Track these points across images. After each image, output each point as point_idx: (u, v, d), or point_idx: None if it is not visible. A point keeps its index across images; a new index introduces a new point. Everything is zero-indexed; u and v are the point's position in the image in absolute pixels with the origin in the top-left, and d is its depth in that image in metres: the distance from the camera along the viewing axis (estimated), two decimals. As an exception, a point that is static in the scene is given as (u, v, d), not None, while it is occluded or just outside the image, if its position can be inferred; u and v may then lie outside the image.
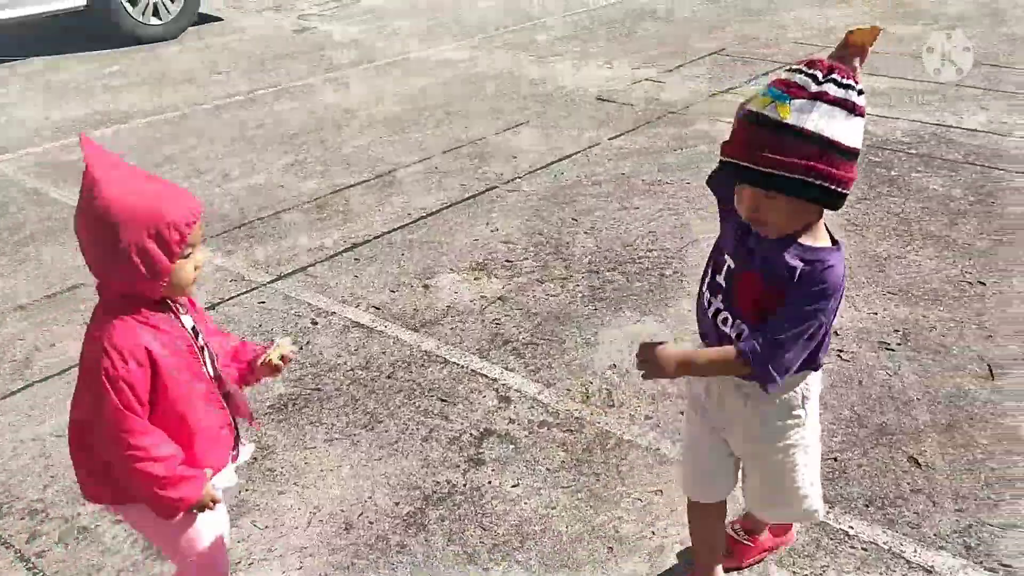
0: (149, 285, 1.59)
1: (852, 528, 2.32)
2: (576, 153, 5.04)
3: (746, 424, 1.85)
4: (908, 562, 2.21)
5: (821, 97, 1.53)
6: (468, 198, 4.52)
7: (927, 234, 3.89)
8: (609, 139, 5.23)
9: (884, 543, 2.28)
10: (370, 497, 2.51)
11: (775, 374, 1.67)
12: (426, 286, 3.68)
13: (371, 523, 2.42)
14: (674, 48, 7.16)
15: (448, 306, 3.53)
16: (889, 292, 3.46)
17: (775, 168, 1.54)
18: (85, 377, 1.61)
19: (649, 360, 1.74)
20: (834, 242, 1.71)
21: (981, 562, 2.21)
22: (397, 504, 2.49)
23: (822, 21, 7.71)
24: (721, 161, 1.64)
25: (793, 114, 1.53)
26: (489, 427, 2.81)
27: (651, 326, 3.32)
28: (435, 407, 2.89)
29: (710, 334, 1.83)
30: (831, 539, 2.30)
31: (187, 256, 1.62)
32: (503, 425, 2.81)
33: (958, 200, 4.20)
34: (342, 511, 2.47)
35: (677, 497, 2.45)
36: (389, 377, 3.07)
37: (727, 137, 1.63)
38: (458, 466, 2.62)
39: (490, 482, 2.56)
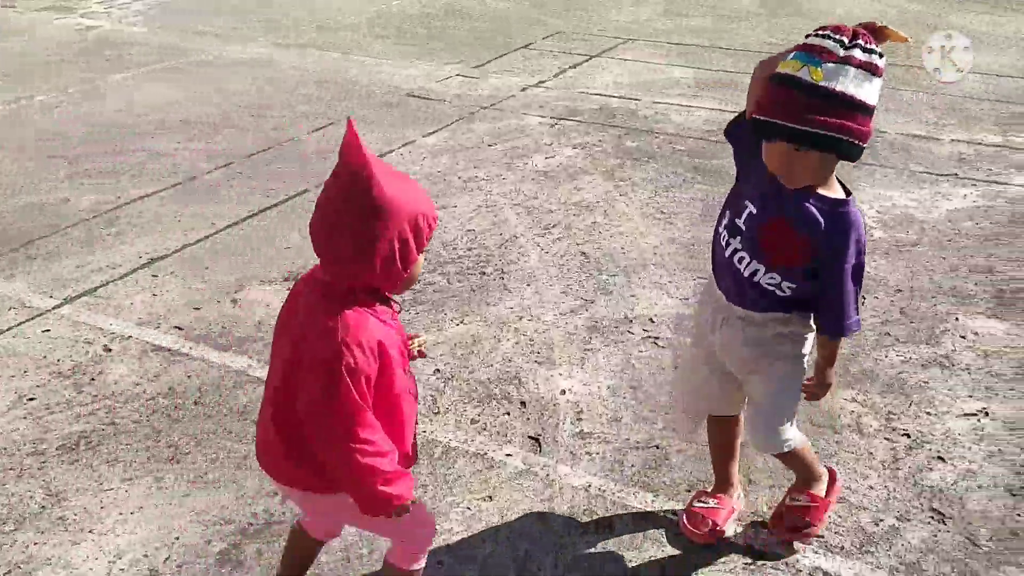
0: (394, 277, 1.59)
1: (676, 515, 2.35)
2: (389, 152, 4.91)
3: (748, 354, 2.02)
4: (732, 541, 2.26)
5: (849, 61, 1.67)
6: (277, 204, 4.29)
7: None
8: (423, 136, 5.14)
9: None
10: (178, 538, 2.30)
11: (856, 320, 1.91)
12: (235, 300, 3.46)
13: (179, 566, 2.21)
14: (485, 43, 7.16)
15: (260, 321, 3.32)
16: (700, 277, 3.56)
17: (812, 127, 1.67)
18: (314, 368, 1.56)
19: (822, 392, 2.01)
20: (847, 192, 1.87)
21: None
22: (209, 542, 2.29)
23: (624, 15, 7.96)
24: (754, 120, 1.75)
25: (825, 77, 1.66)
26: (309, 447, 2.65)
27: (475, 328, 3.26)
28: (248, 432, 2.70)
29: (725, 272, 1.99)
30: (655, 527, 2.32)
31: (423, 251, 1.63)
32: (323, 443, 2.66)
33: (756, 184, 4.41)
34: (146, 556, 2.24)
35: (506, 503, 2.40)
36: (196, 403, 2.84)
37: (756, 98, 1.77)
38: (275, 494, 2.44)
39: (312, 506, 2.41)
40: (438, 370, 3.01)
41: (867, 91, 1.69)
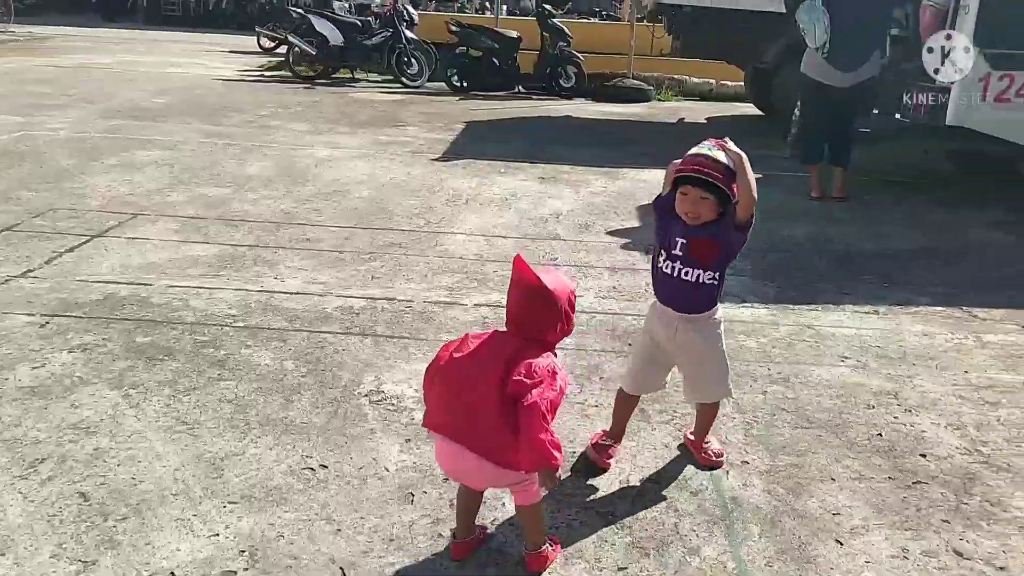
0: (562, 335, 2.67)
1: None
2: None
3: (702, 344, 3.21)
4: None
5: (723, 148, 3.03)
6: None
7: (264, 419, 3.63)
8: None
9: None
10: None
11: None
12: None
13: None
14: (-48, 225, 5.97)
15: None
16: (231, 502, 3.06)
17: (717, 181, 2.97)
18: (542, 377, 2.50)
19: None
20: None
21: None
22: None
23: (127, 187, 7.28)
24: (687, 176, 3.02)
25: (720, 156, 3.00)
26: None
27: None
28: None
29: (673, 291, 3.17)
30: None
31: None
32: None
33: (291, 373, 4.06)
34: None
35: None
36: None
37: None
38: None
39: None
40: None
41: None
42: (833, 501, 3.23)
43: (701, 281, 3.11)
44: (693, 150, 3.08)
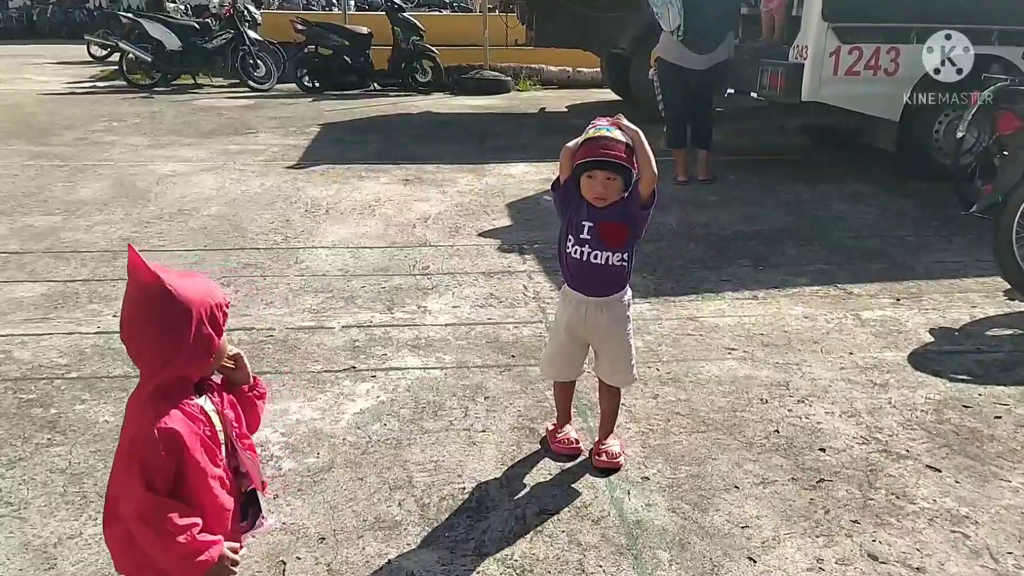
0: (202, 363, 1.93)
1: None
2: None
3: (609, 325, 3.18)
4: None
5: (618, 127, 3.02)
6: None
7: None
8: None
9: None
10: None
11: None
12: None
13: None
14: None
15: None
16: (66, 600, 2.59)
17: (621, 161, 2.96)
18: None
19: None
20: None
21: None
22: None
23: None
24: (587, 162, 2.98)
25: (618, 135, 2.98)
26: None
27: None
28: None
29: (584, 274, 3.12)
30: None
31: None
32: None
33: (135, 429, 3.57)
34: None
35: None
36: None
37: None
38: None
39: None
40: None
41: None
42: (740, 513, 3.05)
43: (611, 263, 3.08)
44: (591, 132, 3.01)
